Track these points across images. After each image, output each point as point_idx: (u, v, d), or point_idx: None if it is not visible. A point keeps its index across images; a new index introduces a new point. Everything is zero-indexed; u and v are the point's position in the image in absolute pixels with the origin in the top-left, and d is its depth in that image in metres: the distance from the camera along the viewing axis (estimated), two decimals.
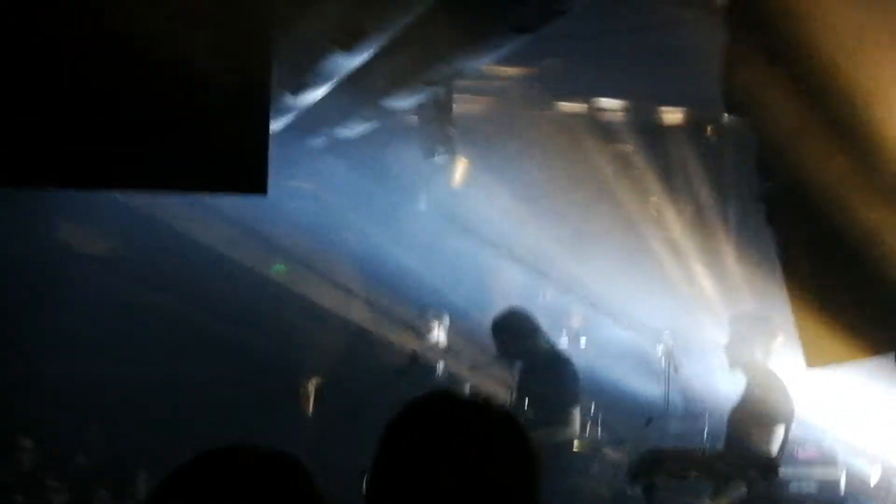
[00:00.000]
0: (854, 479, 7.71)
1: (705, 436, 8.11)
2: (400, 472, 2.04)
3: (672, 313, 9.43)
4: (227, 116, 3.61)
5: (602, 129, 10.17)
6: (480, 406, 2.13)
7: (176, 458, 1.96)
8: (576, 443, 7.83)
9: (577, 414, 7.66)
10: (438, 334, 9.44)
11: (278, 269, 10.57)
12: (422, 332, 9.48)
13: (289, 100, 7.24)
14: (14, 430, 8.48)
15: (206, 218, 9.26)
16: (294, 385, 9.75)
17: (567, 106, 10.05)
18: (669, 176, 10.09)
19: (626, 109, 10.09)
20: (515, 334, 7.84)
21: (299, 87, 6.88)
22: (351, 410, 8.73)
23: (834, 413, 7.75)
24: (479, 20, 5.73)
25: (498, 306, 8.28)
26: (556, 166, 10.27)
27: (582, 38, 7.23)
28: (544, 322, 8.01)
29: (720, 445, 6.82)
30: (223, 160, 3.63)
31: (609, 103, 9.92)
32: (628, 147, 10.30)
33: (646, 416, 7.99)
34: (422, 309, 9.62)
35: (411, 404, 2.11)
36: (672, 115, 10.22)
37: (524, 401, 7.59)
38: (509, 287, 10.32)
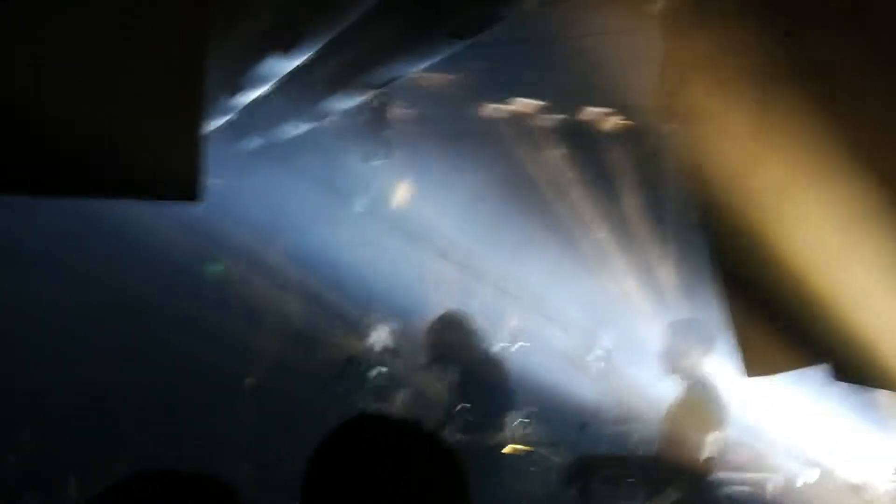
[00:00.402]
0: (788, 484, 7.78)
1: (640, 440, 8.17)
2: (330, 499, 2.03)
3: (609, 318, 9.48)
4: (159, 121, 3.53)
5: (539, 135, 10.18)
6: (406, 428, 2.15)
7: (106, 464, 1.97)
8: (511, 446, 7.85)
9: (512, 417, 7.67)
10: (378, 336, 9.42)
11: (215, 270, 10.47)
12: (362, 334, 9.47)
13: (226, 101, 7.18)
14: None
15: (142, 216, 9.13)
16: (230, 389, 9.66)
17: (502, 111, 10.05)
18: (608, 181, 10.13)
19: (562, 115, 10.11)
20: (452, 337, 7.82)
21: (237, 88, 6.83)
22: (288, 415, 8.68)
23: (768, 418, 7.81)
24: (420, 24, 5.71)
25: (436, 308, 8.26)
26: (495, 171, 10.27)
27: (516, 44, 7.23)
28: (481, 324, 8.01)
29: (654, 450, 6.85)
30: (155, 166, 3.54)
31: (545, 108, 9.94)
32: (566, 152, 10.32)
33: (582, 419, 8.02)
34: (363, 311, 9.60)
35: (338, 429, 2.13)
36: (609, 122, 10.25)
37: (460, 404, 7.58)
38: (447, 289, 10.31)
